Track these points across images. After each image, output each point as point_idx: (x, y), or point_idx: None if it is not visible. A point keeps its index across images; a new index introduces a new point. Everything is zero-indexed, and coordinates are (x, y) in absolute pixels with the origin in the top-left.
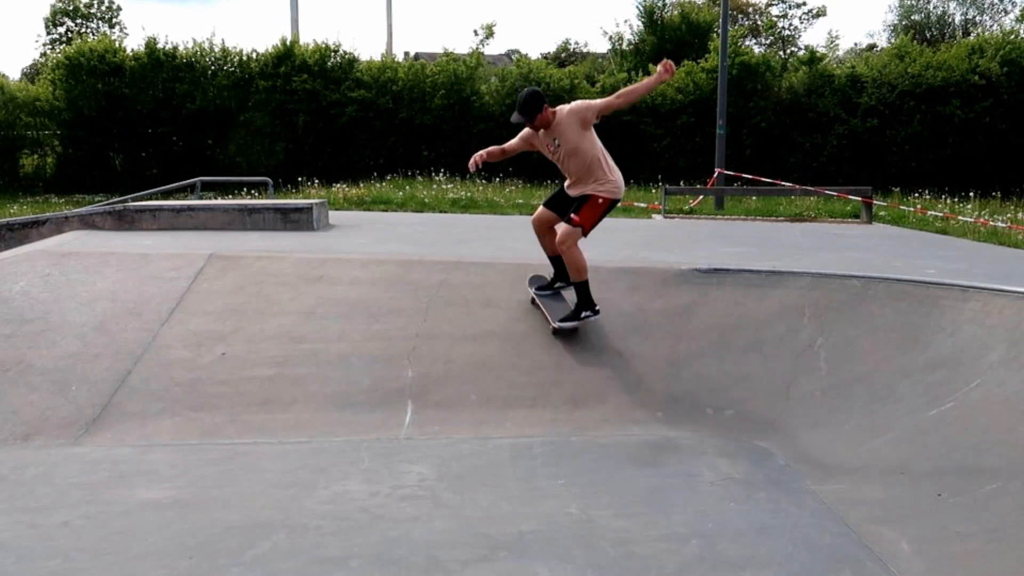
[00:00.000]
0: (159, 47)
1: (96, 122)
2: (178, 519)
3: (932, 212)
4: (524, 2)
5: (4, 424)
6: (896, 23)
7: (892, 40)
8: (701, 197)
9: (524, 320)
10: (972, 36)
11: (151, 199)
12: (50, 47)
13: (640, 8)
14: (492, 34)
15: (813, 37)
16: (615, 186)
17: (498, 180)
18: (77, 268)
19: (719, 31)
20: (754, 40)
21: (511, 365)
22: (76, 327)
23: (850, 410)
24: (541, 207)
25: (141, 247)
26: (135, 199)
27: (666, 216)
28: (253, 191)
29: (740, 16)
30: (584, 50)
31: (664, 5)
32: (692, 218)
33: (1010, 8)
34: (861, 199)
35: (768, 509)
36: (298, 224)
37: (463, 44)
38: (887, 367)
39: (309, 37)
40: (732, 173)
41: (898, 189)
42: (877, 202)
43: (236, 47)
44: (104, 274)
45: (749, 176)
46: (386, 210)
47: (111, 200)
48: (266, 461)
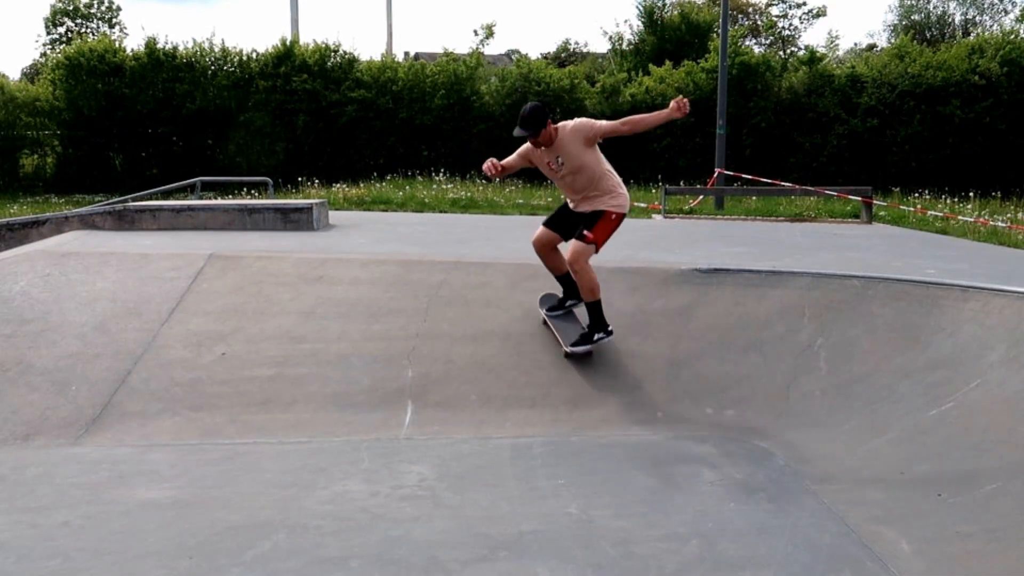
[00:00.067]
0: (159, 47)
1: (96, 122)
2: (178, 519)
3: (932, 212)
4: (524, 2)
5: (4, 424)
6: (896, 23)
7: (892, 40)
8: (701, 197)
9: (524, 320)
10: (972, 36)
11: (151, 199)
12: (50, 47)
13: (640, 8)
14: (492, 34)
15: (813, 37)
16: (624, 200)
17: (498, 180)
18: (77, 268)
19: (719, 31)
20: (754, 40)
21: (511, 365)
22: (76, 327)
23: (850, 410)
24: (542, 228)
25: (141, 247)
26: (135, 199)
27: (666, 216)
28: (253, 191)
29: (740, 16)
30: (584, 50)
31: (664, 5)
32: (692, 218)
33: (1010, 8)
34: (861, 199)
35: (768, 509)
36: (298, 224)
37: (463, 44)
38: (887, 367)
39: (309, 37)
40: (732, 173)
41: (898, 189)
42: (877, 202)
43: (236, 47)
44: (104, 274)
45: (749, 176)
46: (386, 210)
47: (111, 200)
48: (266, 461)
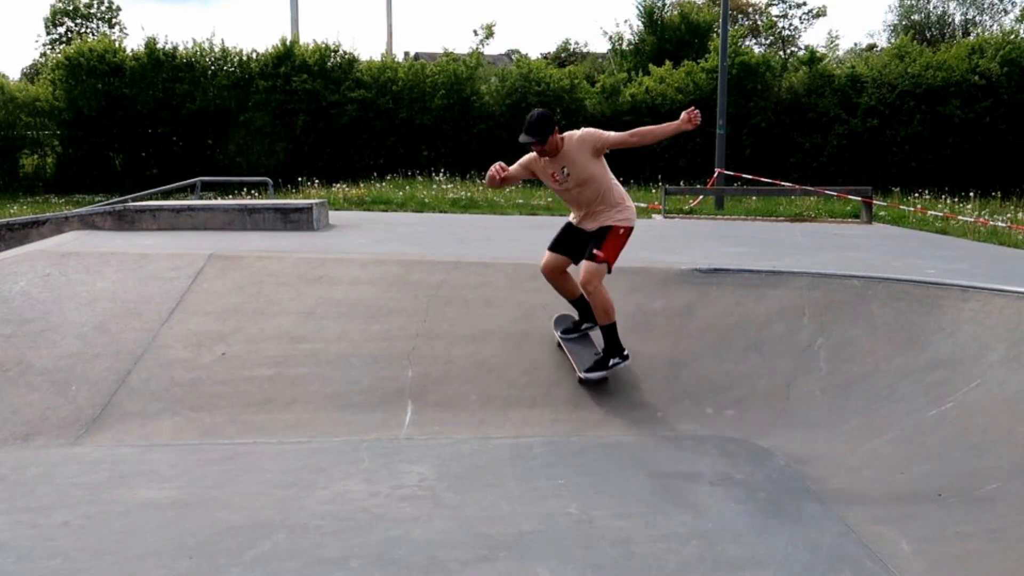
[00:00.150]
0: (159, 47)
1: (96, 122)
2: (178, 519)
3: (932, 212)
4: (524, 2)
5: (4, 424)
6: (896, 23)
7: (892, 40)
8: (701, 197)
9: (524, 320)
10: (972, 36)
11: (151, 199)
12: (50, 47)
13: (640, 8)
14: (492, 34)
15: (813, 37)
16: (632, 213)
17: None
18: (77, 268)
19: (719, 31)
20: (754, 40)
21: (511, 365)
22: (76, 327)
23: (850, 410)
24: (548, 253)
25: (141, 247)
26: (135, 199)
27: (666, 216)
28: (253, 191)
29: (740, 16)
30: (584, 50)
31: (664, 5)
32: (692, 218)
33: (1010, 8)
34: (861, 199)
35: (768, 509)
36: (298, 224)
37: (463, 44)
38: (887, 367)
39: (309, 37)
40: (732, 173)
41: (898, 189)
42: (877, 202)
43: (236, 47)
44: (104, 274)
45: (749, 176)
46: (386, 210)
47: (111, 200)
48: (266, 461)
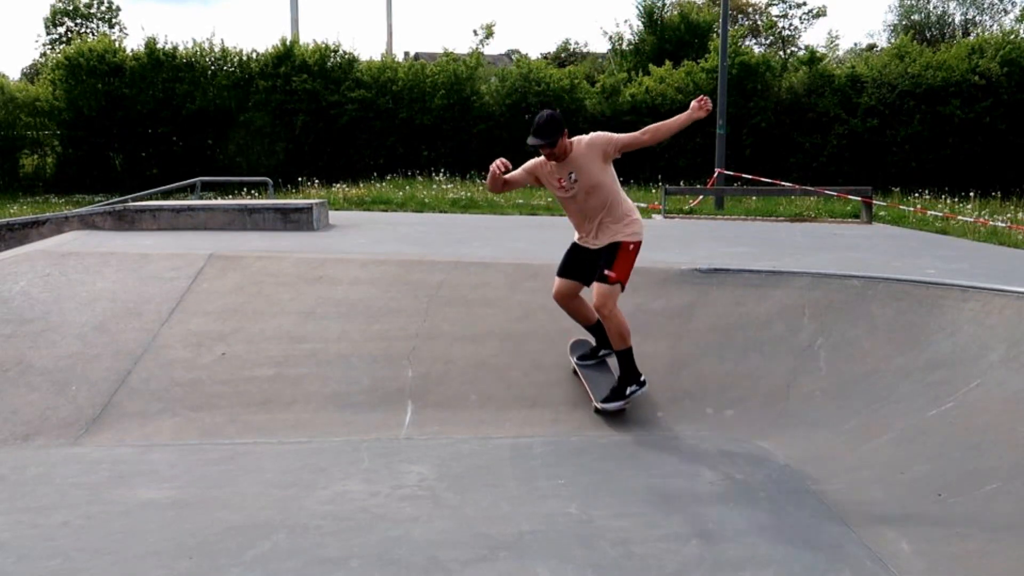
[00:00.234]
0: (159, 47)
1: (96, 122)
2: (178, 519)
3: (932, 212)
4: (524, 2)
5: (4, 424)
6: (896, 23)
7: (892, 40)
8: (701, 197)
9: (524, 320)
10: (972, 36)
11: (151, 199)
12: (50, 47)
13: (640, 8)
14: (492, 34)
15: (813, 37)
16: (640, 226)
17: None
18: (77, 268)
19: (719, 31)
20: (754, 40)
21: (511, 365)
22: (76, 327)
23: (850, 410)
24: (558, 280)
25: (141, 247)
26: (135, 199)
27: (666, 216)
28: (253, 191)
29: (740, 16)
30: (584, 50)
31: (664, 5)
32: (692, 218)
33: (1010, 8)
34: (861, 199)
35: (768, 509)
36: (298, 224)
37: (463, 44)
38: (887, 367)
39: (309, 37)
40: (732, 173)
41: (898, 189)
42: (877, 202)
43: (236, 47)
44: (104, 274)
45: (749, 176)
46: (386, 210)
47: (111, 200)
48: (266, 461)
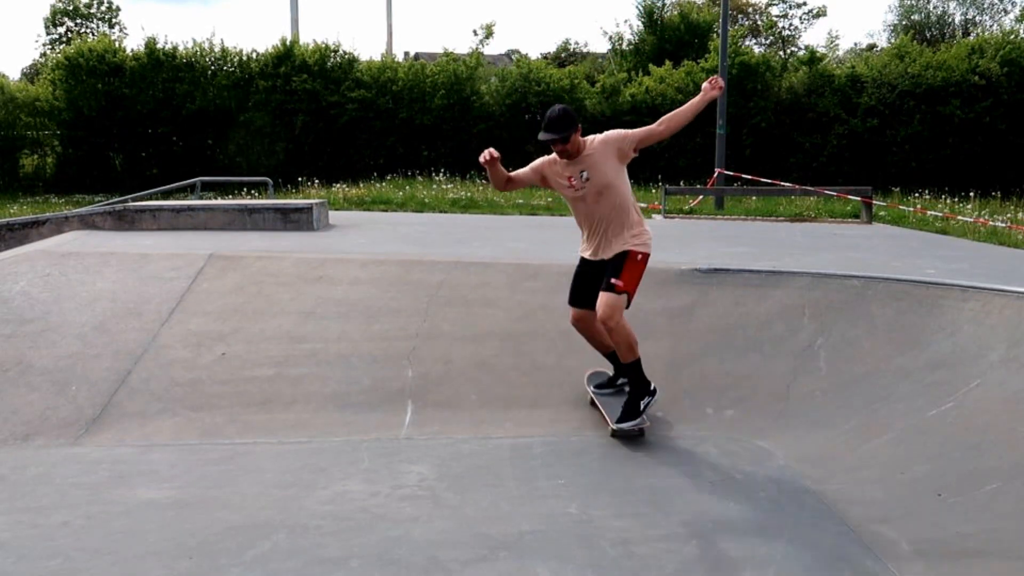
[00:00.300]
0: (159, 47)
1: (96, 122)
2: (178, 519)
3: (932, 212)
4: (524, 2)
5: (4, 424)
6: (896, 23)
7: (892, 40)
8: (701, 197)
9: (524, 320)
10: (972, 36)
11: (151, 199)
12: (50, 47)
13: (640, 8)
14: (492, 34)
15: (813, 37)
16: (649, 238)
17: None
18: (77, 268)
19: (719, 31)
20: (754, 40)
21: (511, 365)
22: (76, 327)
23: (850, 410)
24: (572, 309)
25: (141, 247)
26: (135, 199)
27: (666, 216)
28: (253, 191)
29: (740, 16)
30: (584, 50)
31: (664, 5)
32: (692, 218)
33: (1010, 8)
34: (861, 199)
35: (768, 509)
36: (298, 224)
37: (463, 44)
38: (887, 367)
39: (309, 37)
40: (732, 173)
41: (898, 189)
42: (877, 202)
43: (236, 47)
44: (104, 274)
45: (749, 176)
46: (386, 210)
47: (111, 200)
48: (266, 461)
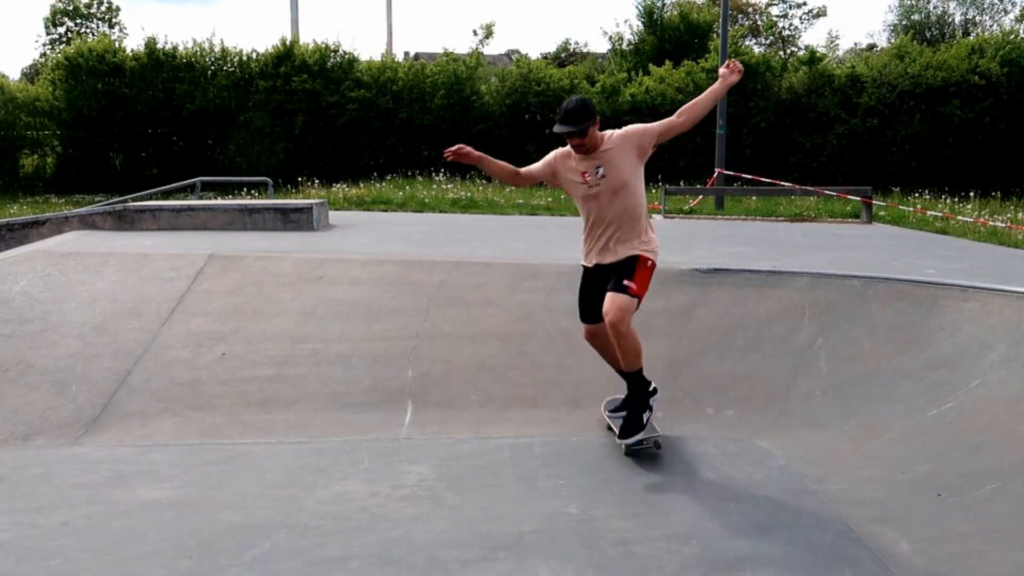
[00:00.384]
0: (159, 47)
1: (96, 122)
2: (178, 519)
3: (932, 212)
4: (524, 2)
5: (4, 424)
6: (896, 23)
7: (892, 40)
8: (701, 197)
9: (524, 320)
10: (972, 36)
11: (151, 199)
12: (50, 47)
13: (640, 8)
14: (492, 34)
15: (813, 37)
16: (657, 246)
17: (498, 180)
18: (77, 268)
19: (719, 31)
20: (754, 40)
21: (511, 365)
22: (76, 327)
23: (850, 410)
24: (586, 325)
25: (141, 247)
26: (135, 199)
27: (666, 216)
28: (253, 191)
29: (740, 16)
30: (584, 50)
31: (664, 5)
32: (692, 218)
33: (1010, 8)
34: (861, 199)
35: (768, 509)
36: (298, 224)
37: (463, 44)
38: (887, 367)
39: (309, 37)
40: (732, 173)
41: (898, 189)
42: (877, 202)
43: (236, 47)
44: (104, 274)
45: (749, 176)
46: (386, 210)
47: (111, 200)
48: (266, 461)
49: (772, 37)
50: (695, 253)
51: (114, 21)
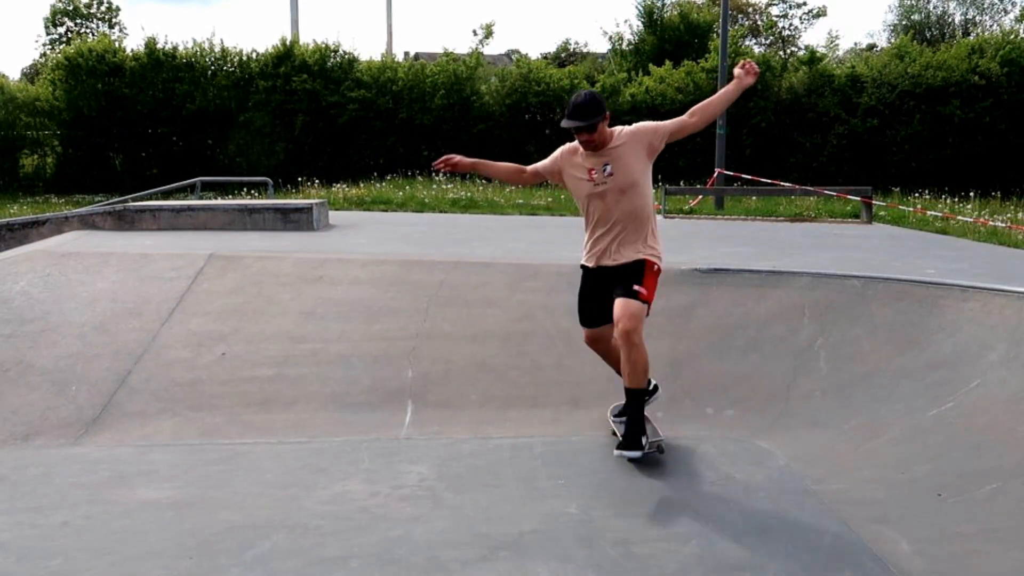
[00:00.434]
0: (159, 47)
1: (96, 122)
2: (178, 519)
3: (932, 212)
4: (524, 2)
5: (4, 424)
6: (896, 23)
7: (892, 40)
8: (701, 197)
9: (524, 320)
10: (972, 36)
11: (151, 199)
12: (50, 47)
13: (640, 8)
14: (492, 34)
15: (813, 37)
16: (663, 251)
17: (498, 180)
18: (77, 268)
19: (719, 31)
20: (754, 40)
21: (511, 365)
22: (76, 327)
23: (850, 410)
24: (587, 329)
25: (141, 247)
26: (135, 199)
27: (666, 216)
28: (253, 191)
29: (740, 16)
30: (584, 50)
31: (664, 5)
32: (692, 218)
33: (1010, 8)
34: (861, 199)
35: (768, 509)
36: (298, 224)
37: (463, 44)
38: (887, 367)
39: (309, 37)
40: (732, 173)
41: (898, 189)
42: (877, 202)
43: (236, 47)
44: (104, 274)
45: (749, 176)
46: (386, 210)
47: (111, 200)
48: (266, 461)
49: (772, 37)
50: (695, 253)
51: (114, 21)
